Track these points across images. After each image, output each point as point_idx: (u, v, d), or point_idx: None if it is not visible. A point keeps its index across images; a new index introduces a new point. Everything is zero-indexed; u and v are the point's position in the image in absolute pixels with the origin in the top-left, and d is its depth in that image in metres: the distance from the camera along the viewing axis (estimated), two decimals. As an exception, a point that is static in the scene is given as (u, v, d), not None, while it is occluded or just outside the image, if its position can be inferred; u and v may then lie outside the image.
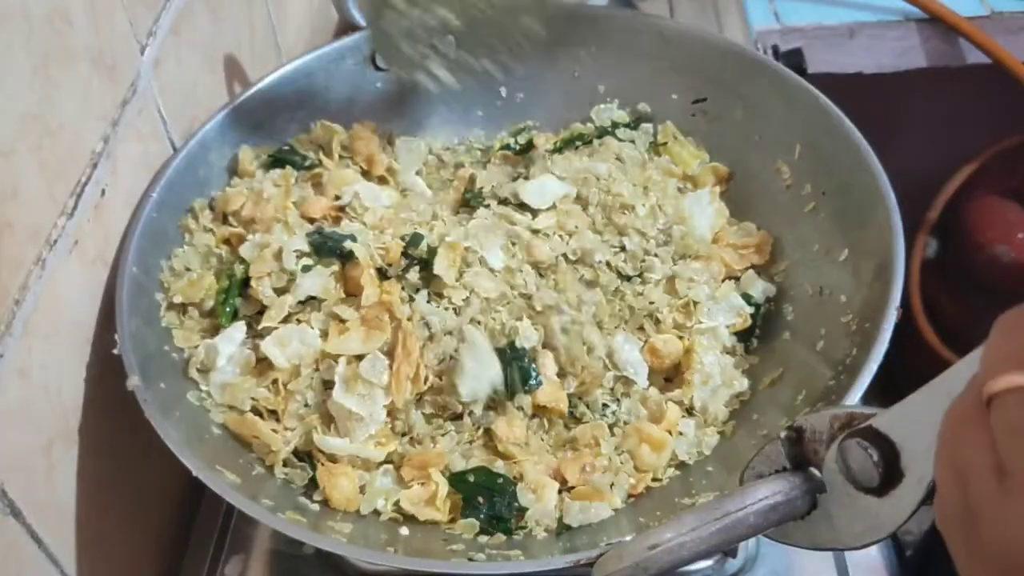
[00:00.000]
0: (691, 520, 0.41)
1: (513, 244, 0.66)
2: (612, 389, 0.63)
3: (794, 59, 0.96)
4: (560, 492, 0.58)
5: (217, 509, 0.67)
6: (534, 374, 0.60)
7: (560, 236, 0.67)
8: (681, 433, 0.61)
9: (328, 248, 0.63)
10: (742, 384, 0.63)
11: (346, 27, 0.99)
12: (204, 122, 0.69)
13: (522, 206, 0.70)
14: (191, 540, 0.66)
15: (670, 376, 0.65)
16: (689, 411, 0.63)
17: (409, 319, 0.60)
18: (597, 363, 0.62)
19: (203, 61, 0.73)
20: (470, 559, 0.53)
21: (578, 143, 0.77)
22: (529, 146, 0.78)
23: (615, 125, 0.78)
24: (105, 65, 0.58)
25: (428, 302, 0.61)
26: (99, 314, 0.58)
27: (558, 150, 0.76)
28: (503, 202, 0.71)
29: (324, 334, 0.61)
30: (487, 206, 0.70)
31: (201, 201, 0.68)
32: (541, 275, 0.65)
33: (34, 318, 0.50)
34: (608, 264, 0.67)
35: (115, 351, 0.55)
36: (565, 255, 0.66)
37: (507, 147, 0.79)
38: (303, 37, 0.98)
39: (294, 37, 0.95)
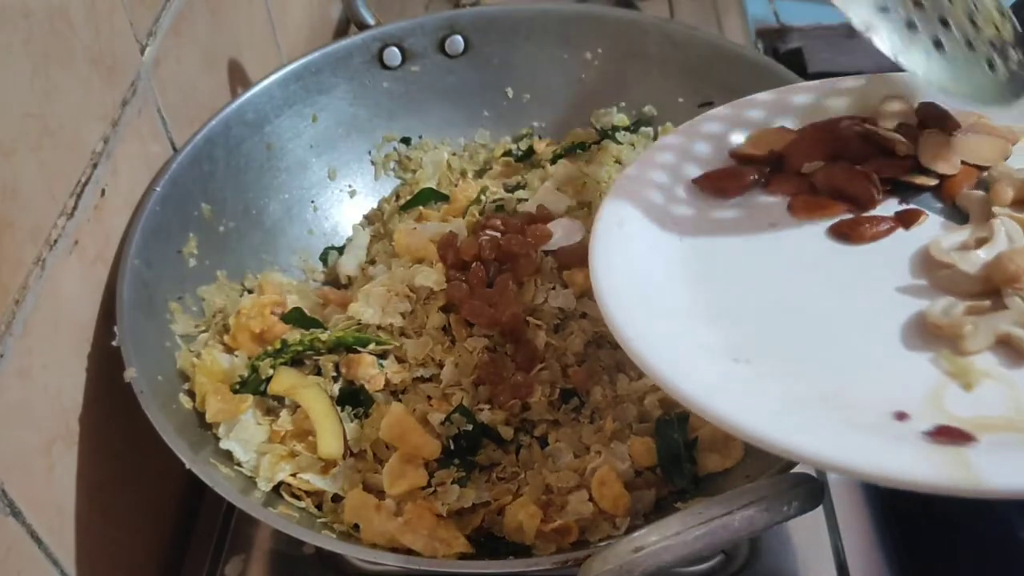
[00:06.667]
0: (676, 524, 0.42)
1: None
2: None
3: (794, 59, 0.96)
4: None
5: (217, 509, 0.66)
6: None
7: None
8: None
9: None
10: None
11: (347, 27, 0.99)
12: (209, 117, 0.69)
13: None
14: (191, 540, 0.66)
15: None
16: None
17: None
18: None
19: (203, 61, 0.73)
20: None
21: (578, 149, 0.77)
22: (530, 152, 0.78)
23: (615, 129, 0.77)
24: (105, 65, 0.58)
25: None
26: (99, 314, 0.58)
27: (558, 156, 0.76)
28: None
29: None
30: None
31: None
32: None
33: (34, 318, 0.50)
34: None
35: (114, 343, 0.56)
36: None
37: (509, 153, 0.78)
38: (303, 37, 0.98)
39: (294, 37, 0.95)
